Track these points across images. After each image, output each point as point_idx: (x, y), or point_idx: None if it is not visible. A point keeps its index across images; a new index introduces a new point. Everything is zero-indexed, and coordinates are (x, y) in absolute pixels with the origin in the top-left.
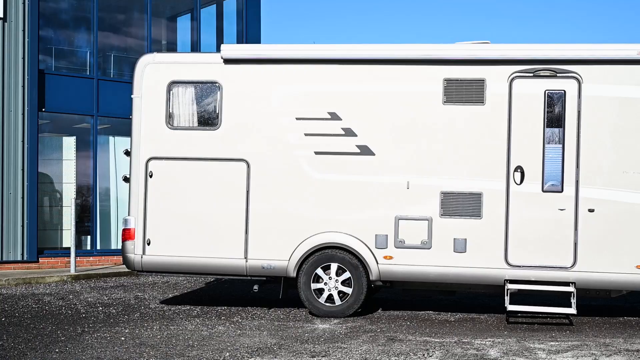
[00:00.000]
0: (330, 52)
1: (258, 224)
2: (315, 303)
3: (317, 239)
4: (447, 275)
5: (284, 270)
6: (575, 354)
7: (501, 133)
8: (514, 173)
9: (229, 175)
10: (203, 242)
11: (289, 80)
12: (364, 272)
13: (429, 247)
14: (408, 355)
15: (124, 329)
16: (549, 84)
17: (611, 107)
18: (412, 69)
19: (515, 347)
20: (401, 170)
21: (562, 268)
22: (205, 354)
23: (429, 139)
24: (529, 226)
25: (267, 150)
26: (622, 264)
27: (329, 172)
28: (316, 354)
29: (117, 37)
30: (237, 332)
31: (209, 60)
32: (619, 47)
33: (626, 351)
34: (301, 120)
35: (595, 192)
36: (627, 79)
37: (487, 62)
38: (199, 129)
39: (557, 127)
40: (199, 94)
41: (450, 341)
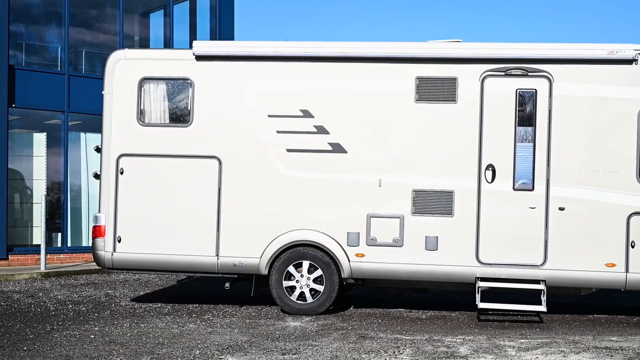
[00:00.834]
0: (303, 49)
1: (230, 221)
2: (287, 301)
3: (289, 236)
4: (418, 273)
5: (255, 268)
6: (544, 351)
7: (473, 131)
8: (486, 171)
9: (201, 172)
10: (174, 239)
11: (261, 78)
12: (336, 269)
13: (400, 245)
14: (378, 353)
15: (93, 326)
16: (520, 83)
17: (582, 106)
18: (384, 67)
19: (486, 345)
20: (373, 168)
21: (533, 266)
22: (175, 351)
23: (401, 137)
24: (500, 224)
25: (238, 148)
26: (591, 262)
27: (301, 170)
28: (287, 351)
29: (89, 33)
30: (207, 329)
31: (180, 56)
32: (590, 46)
33: (595, 348)
34: (273, 117)
35: (566, 191)
36: (598, 78)
37: (459, 61)
38: (171, 126)
39: (529, 126)
40: (171, 90)
41: (421, 339)
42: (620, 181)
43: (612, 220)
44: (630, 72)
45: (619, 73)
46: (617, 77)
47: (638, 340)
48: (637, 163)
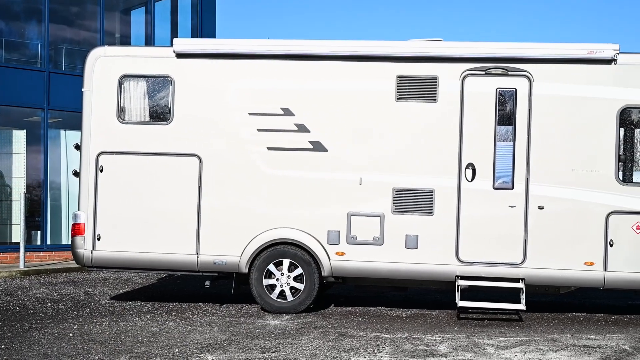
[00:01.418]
0: (283, 47)
1: (210, 219)
2: (267, 299)
3: (269, 234)
4: (398, 272)
5: (235, 266)
6: (523, 349)
7: (453, 130)
8: (466, 170)
9: (181, 170)
10: (154, 237)
11: (242, 75)
12: (316, 268)
13: (380, 244)
14: (358, 351)
15: (72, 325)
16: (500, 82)
17: (561, 106)
18: (365, 65)
19: (465, 343)
20: (354, 167)
21: (512, 264)
22: (154, 350)
23: (382, 136)
24: (479, 223)
25: (219, 146)
26: (570, 260)
27: (282, 168)
28: (266, 349)
29: (69, 30)
30: (187, 328)
31: (161, 54)
32: (570, 46)
33: (573, 346)
34: (254, 115)
35: (545, 190)
36: (577, 78)
37: (440, 60)
38: (151, 124)
39: (508, 125)
40: (151, 88)
41: (401, 337)
42: (599, 180)
43: (591, 219)
44: (610, 71)
45: (599, 73)
46: (596, 76)
47: (616, 339)
48: (616, 162)
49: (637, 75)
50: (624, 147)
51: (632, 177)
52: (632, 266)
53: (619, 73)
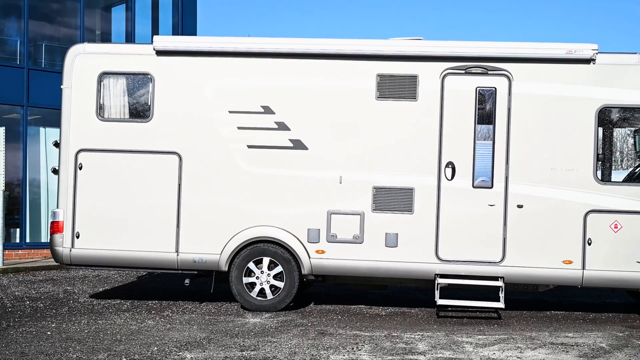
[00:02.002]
0: (264, 45)
1: (190, 217)
2: (247, 297)
3: (249, 232)
4: (378, 270)
5: (215, 264)
6: (501, 347)
7: (433, 129)
8: (445, 169)
9: (161, 168)
10: (134, 235)
11: (222, 73)
12: (296, 266)
13: (360, 242)
14: (337, 349)
15: (50, 323)
16: (480, 81)
17: (540, 105)
18: (345, 64)
19: (444, 341)
20: (334, 165)
21: (491, 263)
22: (132, 348)
23: (362, 134)
24: (459, 221)
25: (199, 144)
26: (549, 259)
27: (262, 166)
28: (245, 347)
29: (49, 26)
30: (166, 326)
31: (141, 51)
32: (549, 46)
33: (551, 344)
34: (234, 113)
35: (524, 189)
36: (557, 77)
37: (420, 59)
38: (131, 121)
39: (488, 124)
40: (131, 85)
41: (380, 335)
42: (578, 179)
43: (570, 218)
44: (589, 71)
45: (578, 72)
46: (575, 76)
47: (593, 337)
48: (595, 161)
49: (615, 75)
50: (603, 147)
51: (611, 176)
52: (610, 265)
53: (597, 73)
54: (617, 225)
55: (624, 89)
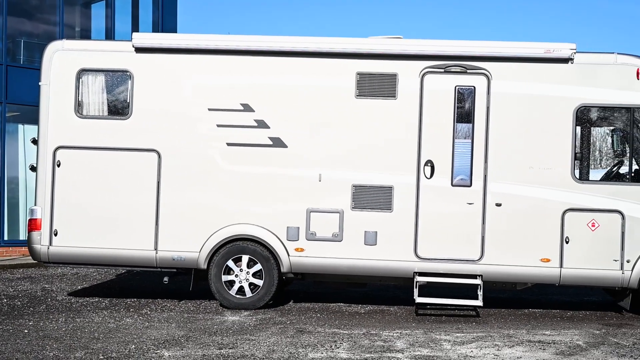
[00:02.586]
0: (244, 43)
1: (169, 215)
2: (226, 295)
3: (228, 230)
4: (357, 268)
5: (194, 262)
6: (479, 345)
7: (412, 127)
8: (425, 167)
9: (140, 165)
10: (112, 233)
11: (201, 71)
12: (275, 264)
13: (340, 240)
14: (315, 347)
15: (28, 321)
16: (459, 80)
17: (519, 104)
18: (325, 62)
19: (422, 339)
20: (313, 163)
21: (470, 261)
22: (110, 346)
23: (342, 133)
24: (438, 220)
25: (178, 141)
26: (527, 257)
27: (241, 164)
28: (223, 345)
29: (28, 23)
30: (144, 324)
31: (120, 48)
32: (527, 45)
33: (528, 342)
34: (213, 111)
35: (503, 187)
36: (535, 76)
37: (399, 57)
38: (109, 118)
39: (467, 123)
40: (110, 82)
41: (359, 333)
42: (556, 178)
43: (548, 216)
44: (567, 70)
45: (556, 71)
46: (553, 75)
47: (570, 334)
48: (572, 160)
49: (593, 74)
50: (581, 146)
51: (588, 175)
52: (587, 263)
53: (575, 72)
54: (594, 224)
55: (601, 88)
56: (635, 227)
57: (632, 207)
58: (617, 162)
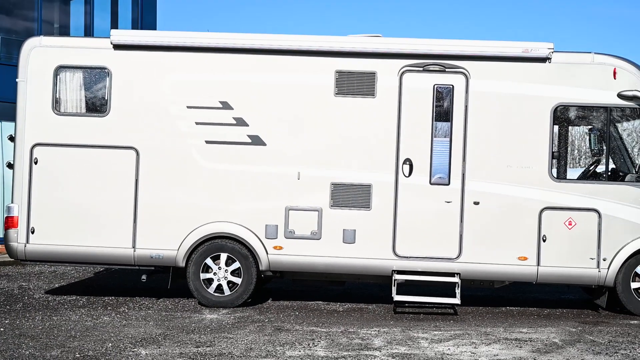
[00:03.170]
0: (223, 40)
1: (147, 213)
2: (204, 293)
3: (206, 228)
4: (336, 266)
5: (172, 260)
6: (456, 343)
7: (391, 126)
8: (403, 165)
9: (118, 163)
10: (90, 230)
11: (180, 68)
12: (254, 262)
13: (318, 238)
14: (293, 345)
15: (4, 319)
16: (438, 79)
17: (497, 103)
18: (304, 60)
19: (400, 337)
20: (292, 161)
21: (448, 259)
22: (86, 344)
23: (320, 130)
24: (416, 218)
25: (156, 139)
26: (504, 255)
27: (220, 162)
28: (201, 344)
29: (6, 19)
30: (122, 322)
31: (98, 45)
32: (505, 44)
33: (505, 340)
34: (192, 108)
35: (481, 186)
36: (513, 75)
37: (378, 56)
38: (87, 116)
39: (445, 121)
40: (88, 79)
41: (337, 331)
42: (533, 177)
43: (525, 215)
44: (544, 70)
45: (534, 71)
46: (531, 74)
47: (547, 332)
48: (549, 159)
49: (570, 73)
50: (558, 144)
51: (566, 174)
52: (564, 261)
53: (553, 71)
54: (571, 222)
55: (578, 87)
56: (612, 226)
57: (609, 206)
58: (594, 161)
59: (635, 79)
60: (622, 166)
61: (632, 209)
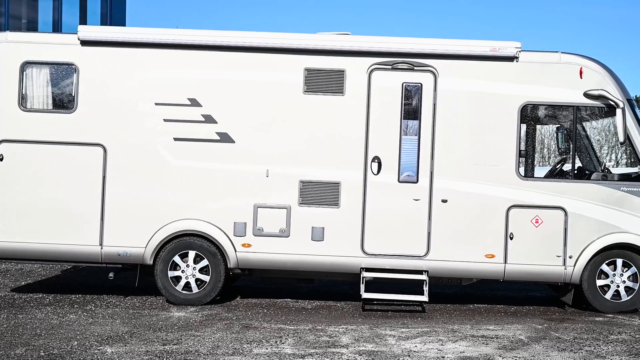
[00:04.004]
0: (191, 37)
1: (114, 210)
2: (172, 291)
3: (175, 226)
4: (304, 263)
5: (140, 258)
6: (423, 340)
7: (360, 124)
8: (372, 163)
9: (85, 160)
10: (57, 228)
11: (148, 65)
12: (222, 259)
13: (287, 236)
14: (260, 343)
15: None
16: (406, 77)
17: (465, 101)
18: (273, 57)
19: (367, 334)
20: (261, 159)
21: (416, 257)
22: (52, 342)
23: (289, 128)
24: (385, 216)
25: (124, 135)
26: (472, 253)
27: (188, 159)
28: (168, 341)
29: None
30: (88, 320)
31: (65, 41)
32: (473, 43)
33: (472, 337)
34: (160, 105)
35: (449, 184)
36: (481, 74)
37: (347, 54)
38: (54, 112)
39: (414, 119)
40: (54, 75)
41: (305, 328)
42: (501, 175)
43: (492, 213)
44: (512, 68)
45: (501, 69)
46: (499, 73)
47: (513, 329)
48: (517, 157)
49: (537, 72)
50: (525, 143)
51: (533, 172)
52: (531, 258)
53: (520, 70)
54: (537, 220)
55: (545, 86)
56: (578, 224)
57: (575, 204)
58: (560, 159)
59: (601, 78)
60: (588, 165)
61: (598, 207)
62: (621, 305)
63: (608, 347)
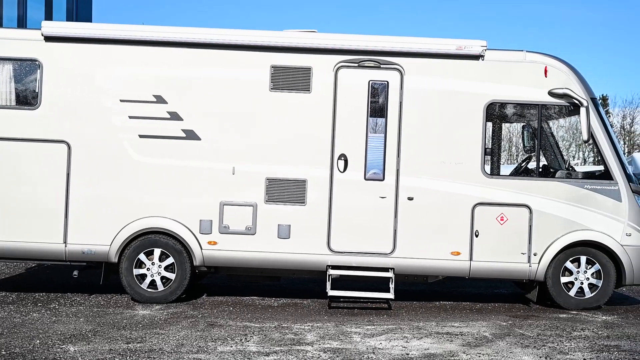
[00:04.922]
0: (156, 33)
1: (78, 207)
2: (137, 289)
3: (140, 223)
4: (271, 261)
5: (105, 256)
6: (388, 337)
7: (326, 121)
8: (338, 161)
9: (49, 157)
10: (20, 225)
11: (113, 61)
12: (188, 257)
13: (253, 233)
14: (225, 341)
15: None
16: (372, 75)
17: (431, 99)
18: (239, 54)
19: (333, 332)
20: (227, 156)
21: (382, 254)
22: (14, 341)
23: (256, 126)
24: (351, 213)
25: (89, 132)
26: (438, 250)
27: (154, 156)
28: (132, 340)
29: None
30: (52, 318)
31: (28, 36)
32: (440, 41)
33: (436, 334)
34: (125, 102)
35: (415, 181)
36: (447, 72)
37: (314, 51)
38: (17, 108)
39: (380, 117)
40: (18, 71)
41: (270, 326)
42: (466, 173)
43: (458, 210)
44: (478, 67)
45: (467, 68)
46: (465, 71)
47: (478, 326)
48: (482, 155)
49: (503, 71)
50: (491, 141)
51: (498, 170)
52: (496, 256)
53: (486, 69)
54: (503, 218)
55: (511, 85)
56: (542, 221)
57: (540, 202)
58: (525, 157)
59: (565, 77)
60: (553, 162)
61: (562, 205)
62: (585, 302)
63: (571, 344)
